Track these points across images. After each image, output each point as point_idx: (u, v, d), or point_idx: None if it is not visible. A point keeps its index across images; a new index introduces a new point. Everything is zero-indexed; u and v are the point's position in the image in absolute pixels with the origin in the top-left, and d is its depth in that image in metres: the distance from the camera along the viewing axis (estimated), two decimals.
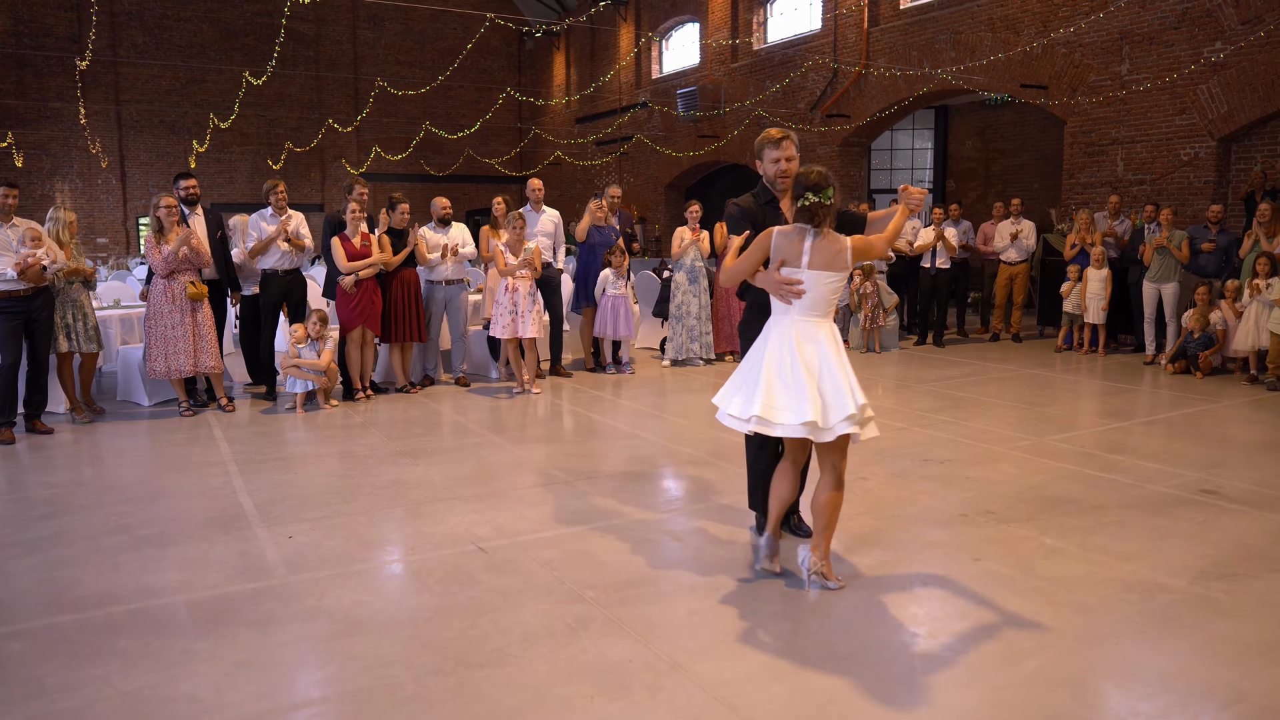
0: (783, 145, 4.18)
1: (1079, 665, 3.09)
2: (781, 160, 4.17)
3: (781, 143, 4.18)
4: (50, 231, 7.22)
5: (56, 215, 7.35)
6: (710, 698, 2.91)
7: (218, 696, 2.98)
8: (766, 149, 4.20)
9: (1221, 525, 4.56)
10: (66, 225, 7.35)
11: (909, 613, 3.56)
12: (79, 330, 7.42)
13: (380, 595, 3.82)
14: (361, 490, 5.36)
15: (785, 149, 4.17)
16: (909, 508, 4.91)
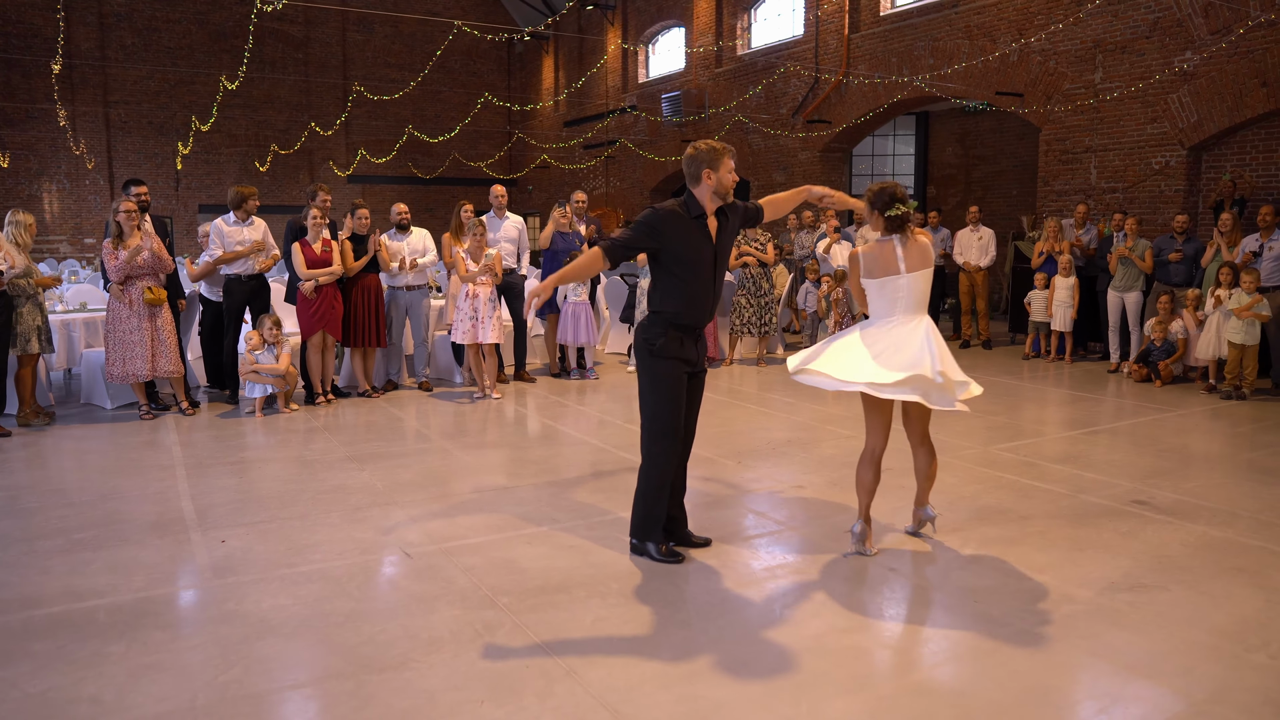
0: (731, 157, 4.20)
1: (967, 677, 3.15)
2: (733, 172, 4.20)
3: (730, 154, 4.20)
4: (9, 235, 7.26)
5: (16, 219, 7.39)
6: (597, 703, 2.96)
7: (120, 699, 3.03)
8: (725, 158, 4.16)
9: (1144, 536, 4.61)
10: (26, 228, 7.39)
11: (813, 622, 3.61)
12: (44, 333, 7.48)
13: (299, 600, 3.86)
14: (304, 495, 5.41)
15: (732, 161, 4.21)
16: (839, 516, 4.96)
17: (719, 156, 4.15)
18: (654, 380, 4.18)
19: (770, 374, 10.02)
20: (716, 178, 4.14)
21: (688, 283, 4.16)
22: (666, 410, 4.18)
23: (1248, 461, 6.18)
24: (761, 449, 6.54)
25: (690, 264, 4.15)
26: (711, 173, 4.14)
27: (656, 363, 4.17)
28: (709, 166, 4.14)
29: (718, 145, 4.18)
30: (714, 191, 4.15)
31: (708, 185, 4.15)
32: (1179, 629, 3.50)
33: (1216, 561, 4.24)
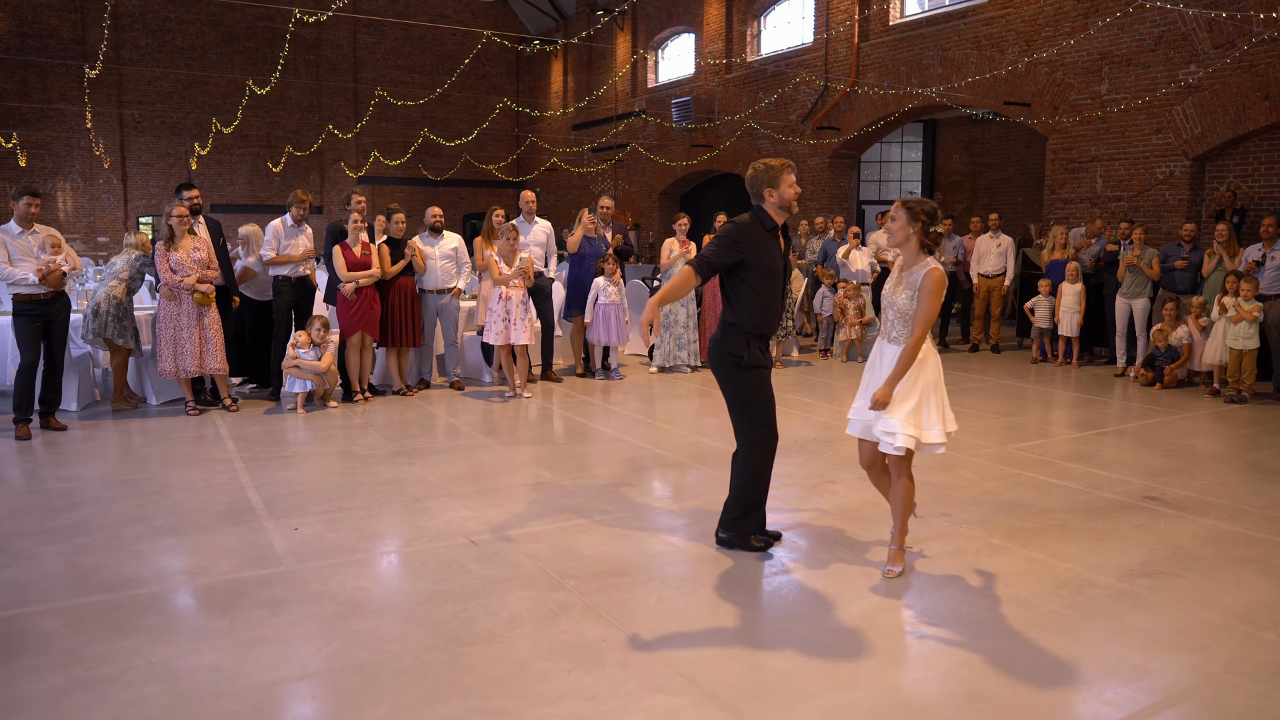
0: (791, 171, 4.41)
1: (1003, 649, 3.47)
2: (796, 186, 4.42)
3: (790, 169, 4.40)
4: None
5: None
6: (673, 672, 3.27)
7: (237, 666, 3.34)
8: (785, 174, 4.36)
9: (1157, 529, 4.94)
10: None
11: (860, 602, 3.93)
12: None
13: (379, 582, 4.18)
14: (361, 487, 5.73)
15: (793, 175, 4.42)
16: (870, 510, 5.28)
17: (779, 174, 4.36)
18: (745, 390, 4.43)
19: (787, 375, 10.34)
20: (778, 194, 4.37)
21: (762, 294, 4.38)
22: (762, 412, 4.46)
23: (1252, 461, 6.51)
24: (789, 446, 6.86)
25: (767, 275, 4.37)
26: (773, 190, 4.36)
27: (745, 374, 4.40)
28: (769, 185, 4.36)
29: (776, 163, 4.40)
30: (779, 206, 4.39)
31: (771, 202, 4.39)
32: (1194, 611, 3.83)
33: (1226, 552, 4.57)
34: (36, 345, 7.06)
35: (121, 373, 8.21)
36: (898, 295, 4.15)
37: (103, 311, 7.91)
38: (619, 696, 3.12)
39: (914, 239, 4.12)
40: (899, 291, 4.14)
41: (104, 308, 7.93)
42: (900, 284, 4.16)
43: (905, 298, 4.10)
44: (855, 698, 3.12)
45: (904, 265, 4.20)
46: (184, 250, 7.77)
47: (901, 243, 4.15)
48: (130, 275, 8.15)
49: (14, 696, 3.12)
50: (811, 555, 4.54)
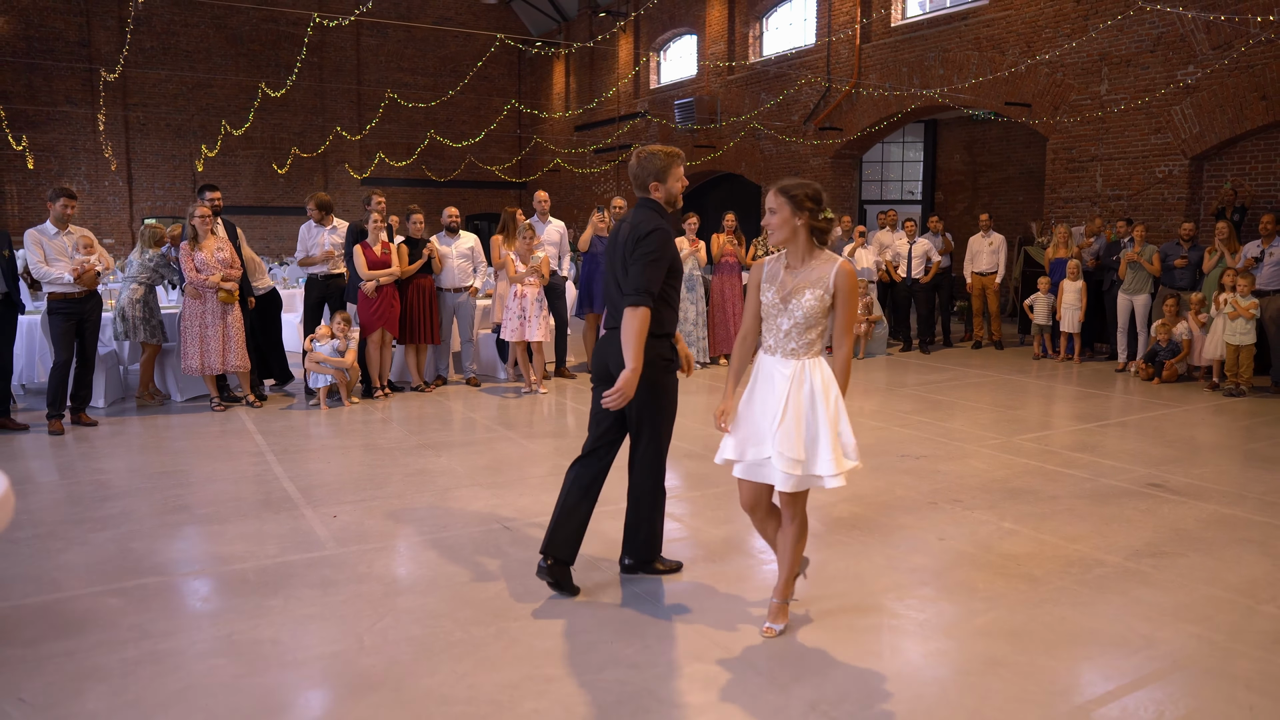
0: (681, 164, 4.01)
1: (1019, 621, 3.68)
2: (684, 179, 4.04)
3: (681, 161, 4.00)
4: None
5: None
6: (710, 643, 3.48)
7: (295, 640, 3.54)
8: (675, 165, 3.95)
9: (1161, 513, 5.15)
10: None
11: (881, 579, 4.14)
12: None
13: (421, 564, 4.38)
14: (392, 478, 5.93)
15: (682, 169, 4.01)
16: (885, 496, 5.49)
17: (669, 166, 3.94)
18: (662, 395, 3.95)
19: None
20: (665, 189, 3.97)
21: (677, 292, 4.03)
22: (671, 424, 4.05)
23: (1251, 451, 6.73)
24: None
25: (678, 273, 3.98)
26: (659, 185, 3.96)
27: (668, 378, 3.97)
28: (656, 178, 3.95)
29: (666, 152, 3.96)
30: (665, 201, 3.98)
31: (658, 196, 3.97)
32: (1198, 587, 4.04)
33: (1228, 534, 4.78)
34: (70, 343, 7.25)
35: (148, 369, 8.42)
36: (797, 297, 3.45)
37: (129, 316, 8.13)
38: (660, 664, 3.33)
39: (802, 231, 3.45)
40: (799, 293, 3.45)
41: (129, 312, 8.14)
42: (792, 284, 3.47)
43: (812, 298, 3.43)
44: (881, 665, 3.33)
45: (790, 263, 3.51)
46: (208, 250, 7.97)
47: (787, 238, 3.47)
48: (148, 276, 8.33)
49: (92, 666, 3.32)
50: (831, 537, 4.74)
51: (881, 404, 8.56)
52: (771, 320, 3.52)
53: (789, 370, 3.47)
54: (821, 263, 3.48)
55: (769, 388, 3.50)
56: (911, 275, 12.27)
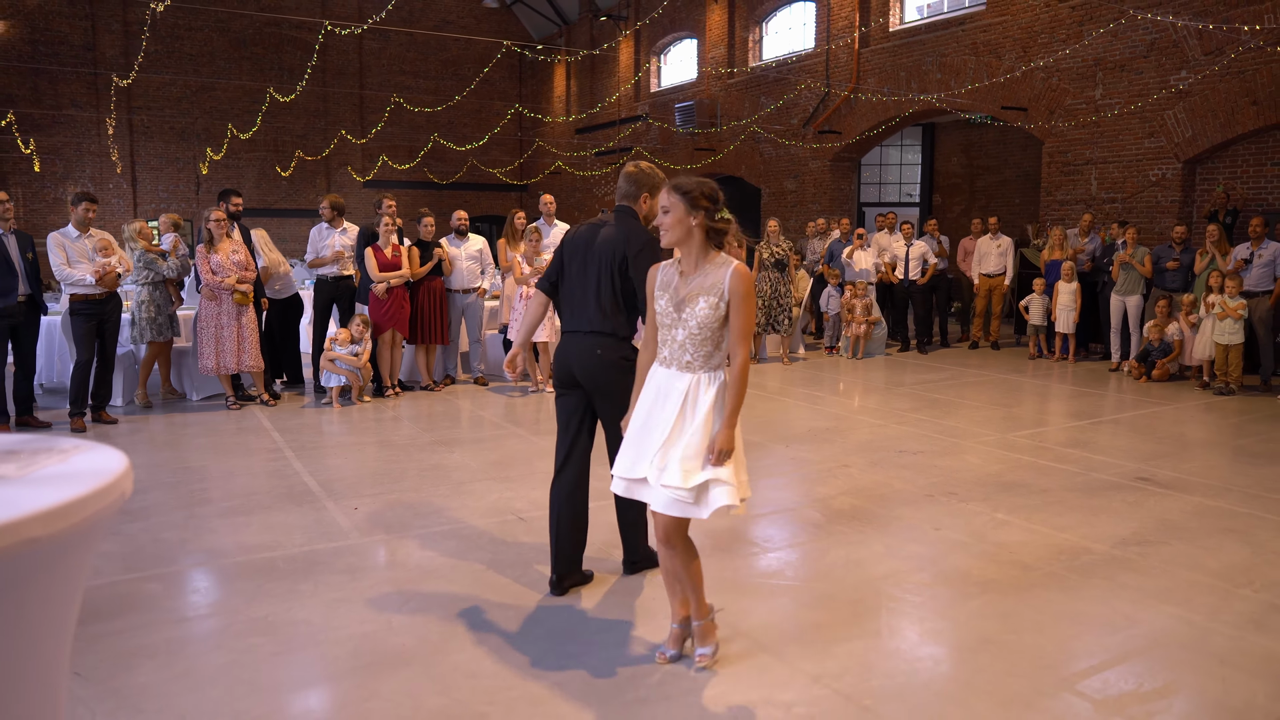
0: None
1: (1010, 604, 3.90)
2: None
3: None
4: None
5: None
6: (722, 624, 3.68)
7: (327, 621, 3.76)
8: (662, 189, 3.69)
9: (1148, 505, 5.37)
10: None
11: (880, 566, 4.36)
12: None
13: (443, 552, 4.60)
14: (408, 472, 6.14)
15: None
16: (883, 490, 5.71)
17: (660, 186, 3.73)
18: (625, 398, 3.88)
19: (795, 371, 10.77)
20: (648, 207, 4.06)
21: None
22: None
23: (1239, 447, 6.95)
24: (803, 435, 7.29)
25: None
26: (649, 199, 4.06)
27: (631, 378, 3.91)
28: (649, 191, 4.06)
29: (659, 175, 4.05)
30: (645, 216, 4.08)
31: (643, 210, 4.08)
32: (1180, 572, 4.26)
33: (1211, 524, 5.00)
34: (92, 343, 7.47)
35: (165, 366, 8.62)
36: (690, 305, 3.17)
37: (139, 319, 8.30)
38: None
39: (697, 233, 3.20)
40: (693, 301, 3.17)
41: (138, 315, 8.31)
42: (685, 291, 3.19)
43: (706, 307, 3.14)
44: (879, 642, 3.55)
45: (684, 268, 3.24)
46: (223, 253, 8.18)
47: (681, 238, 3.21)
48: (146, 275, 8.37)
49: (139, 644, 3.53)
50: (831, 527, 4.96)
51: (880, 402, 8.79)
52: (666, 330, 3.23)
53: (684, 385, 3.19)
54: (715, 267, 3.19)
55: (662, 403, 3.23)
56: (909, 277, 12.51)
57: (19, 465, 1.44)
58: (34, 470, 1.43)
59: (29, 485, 1.36)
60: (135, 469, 5.25)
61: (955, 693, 3.15)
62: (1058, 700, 3.08)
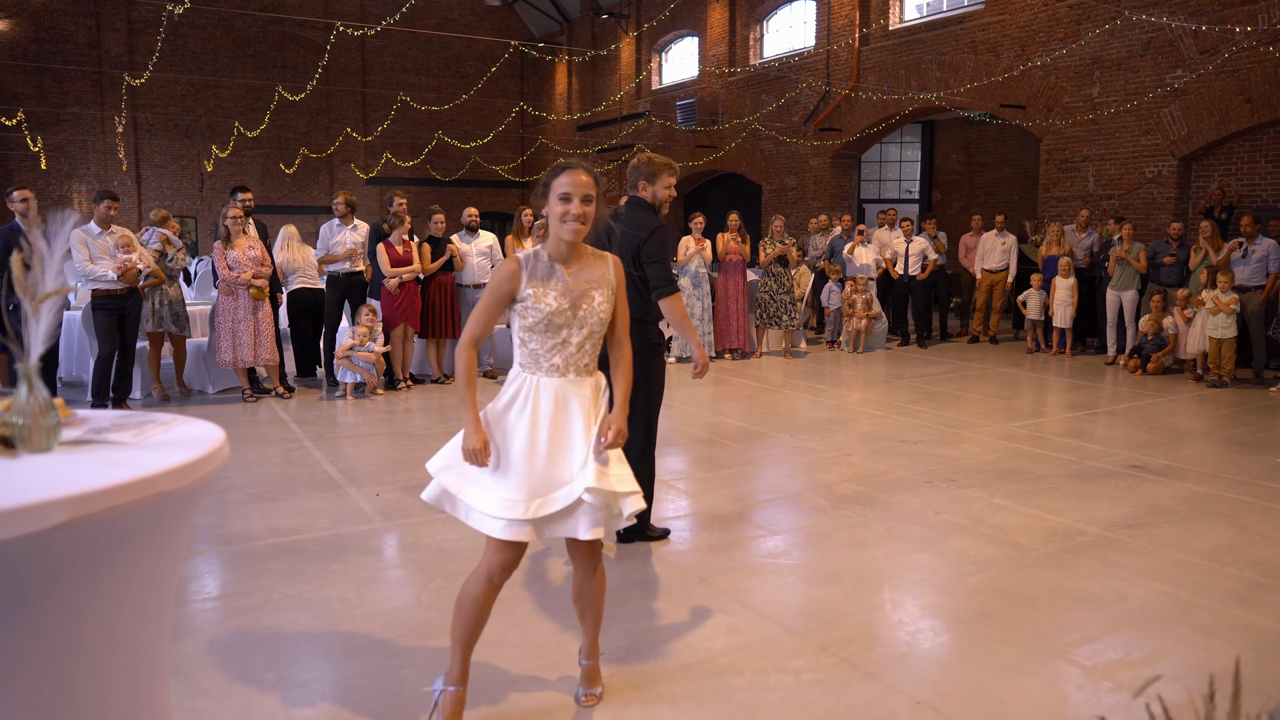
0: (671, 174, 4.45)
1: (1006, 581, 4.11)
2: (672, 190, 4.47)
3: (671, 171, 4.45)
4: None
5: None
6: (730, 598, 3.91)
7: (360, 598, 3.97)
8: (664, 174, 4.41)
9: (1140, 491, 5.58)
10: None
11: (882, 547, 4.57)
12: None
13: (465, 535, 4.80)
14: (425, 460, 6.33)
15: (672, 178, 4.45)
16: (885, 477, 5.92)
17: (660, 170, 4.43)
18: (655, 376, 4.39)
19: (797, 365, 10.98)
20: (652, 190, 4.45)
21: None
22: (659, 402, 4.49)
23: (1230, 437, 7.16)
24: (806, 426, 7.50)
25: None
26: (648, 185, 4.44)
27: (656, 360, 4.38)
28: (645, 179, 4.44)
29: (659, 160, 4.45)
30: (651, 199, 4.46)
31: (644, 195, 4.45)
32: (1169, 552, 4.47)
33: (1200, 508, 5.21)
34: (113, 337, 7.68)
35: (180, 360, 8.79)
36: (587, 303, 2.83)
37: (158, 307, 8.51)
38: (687, 615, 3.76)
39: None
40: (588, 297, 2.83)
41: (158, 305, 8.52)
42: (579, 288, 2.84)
43: (603, 300, 2.87)
44: (883, 615, 3.76)
45: (568, 262, 2.86)
46: (240, 248, 8.38)
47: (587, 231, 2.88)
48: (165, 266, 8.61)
49: (179, 620, 3.73)
50: (837, 510, 5.17)
51: (881, 395, 8.99)
52: (556, 334, 2.81)
53: (587, 390, 2.86)
54: (594, 258, 2.92)
55: (565, 418, 2.81)
56: (909, 272, 12.71)
57: (133, 434, 1.65)
58: (147, 437, 1.64)
59: (149, 449, 1.56)
60: None
61: (954, 661, 3.36)
62: (1050, 667, 3.29)
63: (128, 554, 1.44)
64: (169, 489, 1.44)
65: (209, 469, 1.56)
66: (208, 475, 1.57)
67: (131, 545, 1.45)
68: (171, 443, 1.62)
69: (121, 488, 1.35)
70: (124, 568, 1.45)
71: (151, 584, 1.53)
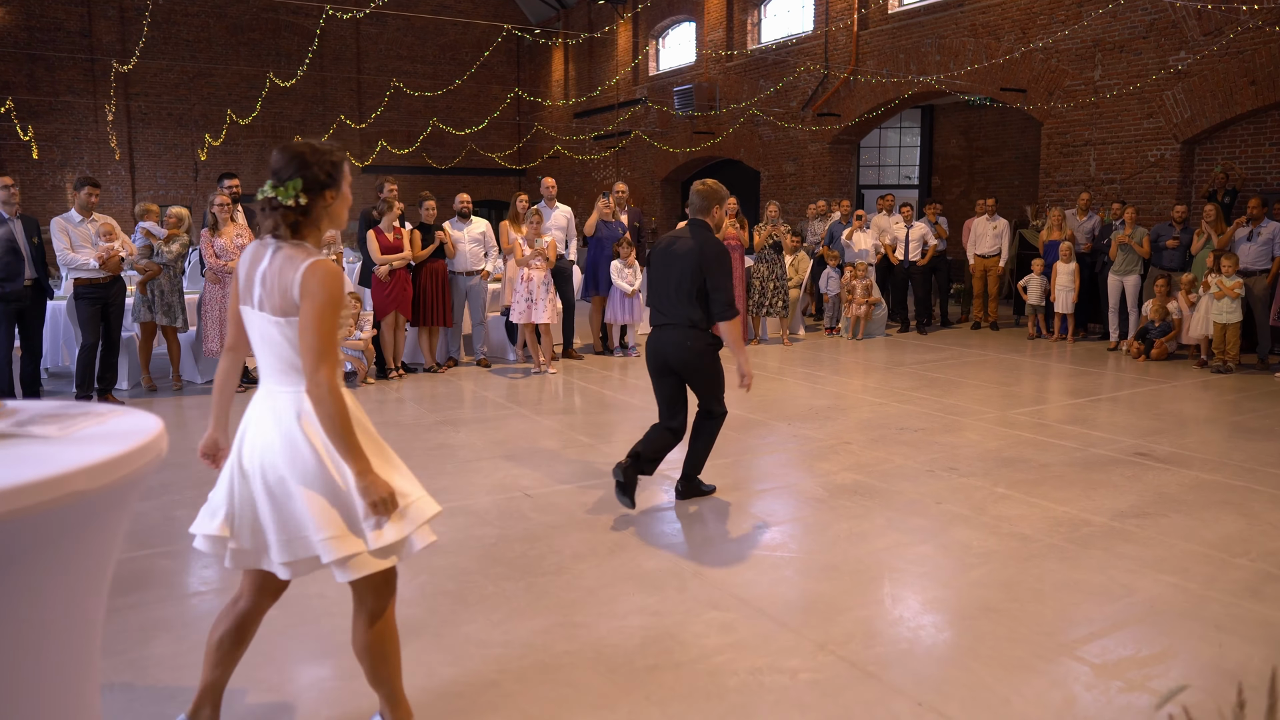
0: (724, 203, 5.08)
1: (1010, 574, 3.96)
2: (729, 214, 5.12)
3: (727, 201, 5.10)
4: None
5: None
6: (724, 593, 3.77)
7: (340, 593, 3.81)
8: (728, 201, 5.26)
9: (1146, 479, 5.44)
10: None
11: (883, 538, 4.43)
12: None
13: (451, 528, 4.66)
14: (415, 451, 6.21)
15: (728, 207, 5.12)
16: (885, 465, 5.78)
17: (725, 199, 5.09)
18: (717, 369, 4.96)
19: (794, 352, 10.83)
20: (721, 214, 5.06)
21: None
22: (722, 388, 5.04)
23: (1235, 423, 7.02)
24: (804, 414, 7.35)
25: None
26: (719, 209, 5.03)
27: (717, 359, 4.96)
28: (717, 204, 5.00)
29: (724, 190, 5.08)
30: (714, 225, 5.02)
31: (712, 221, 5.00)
32: (1177, 543, 4.33)
33: (1207, 497, 5.07)
34: (97, 326, 7.52)
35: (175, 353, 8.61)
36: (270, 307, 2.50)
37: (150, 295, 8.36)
38: (679, 612, 3.62)
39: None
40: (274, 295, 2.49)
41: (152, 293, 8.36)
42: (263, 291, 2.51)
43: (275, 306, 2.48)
44: (883, 611, 3.62)
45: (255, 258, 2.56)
46: (227, 236, 8.22)
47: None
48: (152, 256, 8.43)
49: (156, 618, 3.60)
50: (834, 501, 5.03)
51: (881, 382, 8.85)
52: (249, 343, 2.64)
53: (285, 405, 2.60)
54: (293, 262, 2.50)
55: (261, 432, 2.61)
56: (909, 258, 12.55)
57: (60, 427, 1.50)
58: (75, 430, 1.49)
59: (71, 444, 1.41)
60: None
61: (958, 658, 3.23)
62: (1058, 665, 3.15)
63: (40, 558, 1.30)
64: (85, 488, 1.29)
65: (135, 466, 1.41)
66: (135, 473, 1.42)
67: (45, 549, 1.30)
68: (101, 437, 1.47)
69: (26, 489, 1.20)
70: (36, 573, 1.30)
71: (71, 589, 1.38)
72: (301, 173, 2.48)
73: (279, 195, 2.47)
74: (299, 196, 2.47)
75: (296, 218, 2.50)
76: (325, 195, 2.55)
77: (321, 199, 2.54)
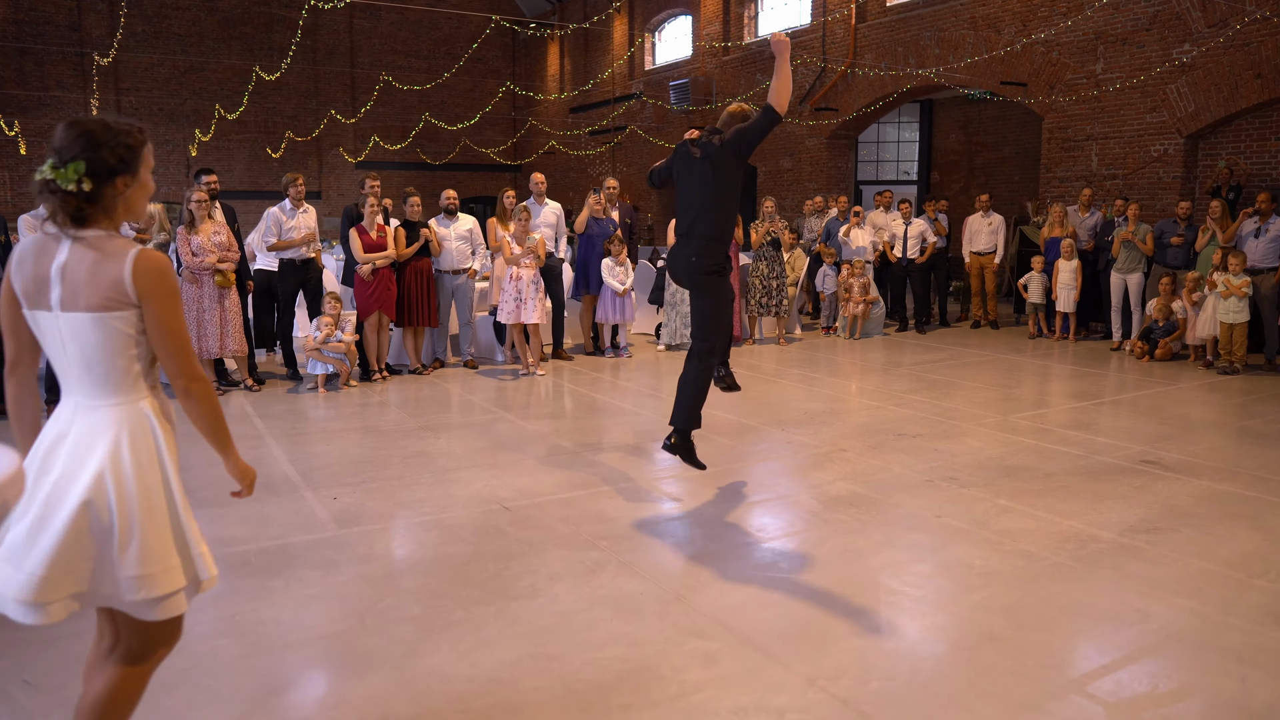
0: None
1: (1015, 596, 3.72)
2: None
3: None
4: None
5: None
6: (709, 620, 3.52)
7: (297, 620, 3.58)
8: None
9: (1155, 490, 5.19)
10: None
11: (879, 556, 4.18)
12: None
13: (422, 545, 4.42)
14: (392, 459, 5.95)
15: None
16: (882, 474, 5.52)
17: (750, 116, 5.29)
18: (723, 295, 4.96)
19: (791, 351, 10.58)
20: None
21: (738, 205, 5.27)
22: (727, 318, 5.02)
23: (1244, 428, 6.77)
24: (798, 418, 7.10)
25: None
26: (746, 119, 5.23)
27: (725, 282, 4.96)
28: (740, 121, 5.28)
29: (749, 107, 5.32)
30: None
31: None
32: (1191, 561, 4.08)
33: (1220, 509, 4.82)
34: None
35: None
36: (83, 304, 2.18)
37: None
38: (660, 641, 3.37)
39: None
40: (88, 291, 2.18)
41: None
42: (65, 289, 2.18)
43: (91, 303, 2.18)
44: (878, 640, 3.37)
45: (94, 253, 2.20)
46: (204, 234, 7.96)
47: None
48: None
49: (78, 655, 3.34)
50: (827, 514, 4.78)
51: (878, 384, 8.60)
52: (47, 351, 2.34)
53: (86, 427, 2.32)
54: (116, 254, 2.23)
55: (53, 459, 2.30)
56: (907, 256, 12.28)
57: None
58: None
59: None
60: None
61: (959, 695, 2.98)
62: (1067, 704, 2.90)
63: None
64: None
65: None
66: None
67: None
68: None
69: None
70: None
71: None
72: (87, 154, 2.15)
73: (58, 178, 2.13)
74: (82, 181, 2.14)
75: (79, 204, 2.16)
76: (116, 182, 2.22)
77: (112, 186, 2.21)
